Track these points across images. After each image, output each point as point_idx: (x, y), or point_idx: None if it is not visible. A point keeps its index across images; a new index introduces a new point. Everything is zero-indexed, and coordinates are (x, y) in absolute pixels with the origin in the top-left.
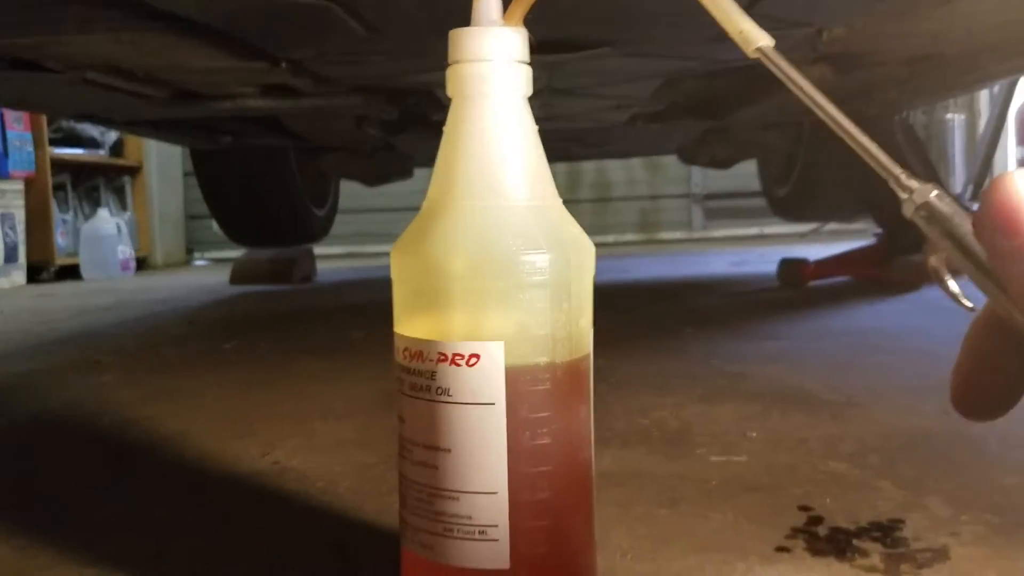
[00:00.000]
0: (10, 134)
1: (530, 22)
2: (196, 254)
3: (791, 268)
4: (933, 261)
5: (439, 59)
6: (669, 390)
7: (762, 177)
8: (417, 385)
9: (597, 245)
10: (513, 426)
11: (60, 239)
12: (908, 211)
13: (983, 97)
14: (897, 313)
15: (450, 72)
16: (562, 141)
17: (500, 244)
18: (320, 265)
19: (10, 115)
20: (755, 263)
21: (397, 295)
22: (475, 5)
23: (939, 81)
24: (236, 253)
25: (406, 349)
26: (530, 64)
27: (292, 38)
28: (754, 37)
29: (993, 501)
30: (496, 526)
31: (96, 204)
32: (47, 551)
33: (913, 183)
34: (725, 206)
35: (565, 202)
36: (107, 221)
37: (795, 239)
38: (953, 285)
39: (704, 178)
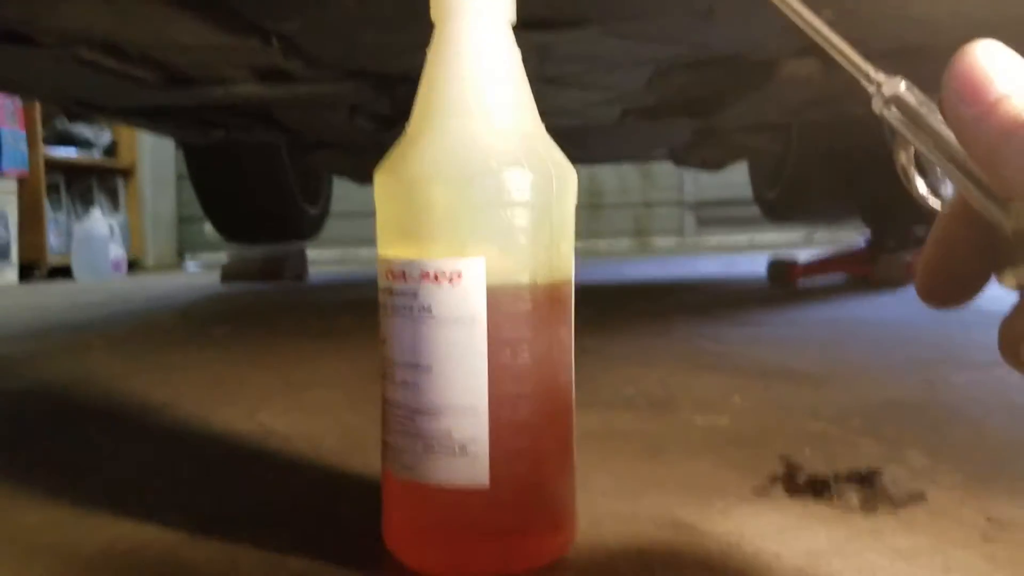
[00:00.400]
0: (3, 132)
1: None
2: (188, 255)
3: (780, 268)
4: (902, 158)
5: (427, 34)
6: (655, 365)
7: (753, 180)
8: (399, 305)
9: (590, 251)
10: (494, 344)
11: (53, 239)
12: (877, 106)
13: None
14: (882, 305)
15: None
16: (555, 140)
17: (482, 162)
18: (313, 268)
19: (4, 113)
20: (746, 266)
21: (380, 218)
22: None
23: (931, 78)
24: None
25: (389, 270)
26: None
27: (282, 5)
28: None
29: (972, 455)
30: (476, 442)
31: (89, 205)
32: (44, 505)
33: (881, 77)
34: (717, 214)
35: None
36: (100, 221)
37: (787, 247)
38: (920, 184)
39: (696, 186)
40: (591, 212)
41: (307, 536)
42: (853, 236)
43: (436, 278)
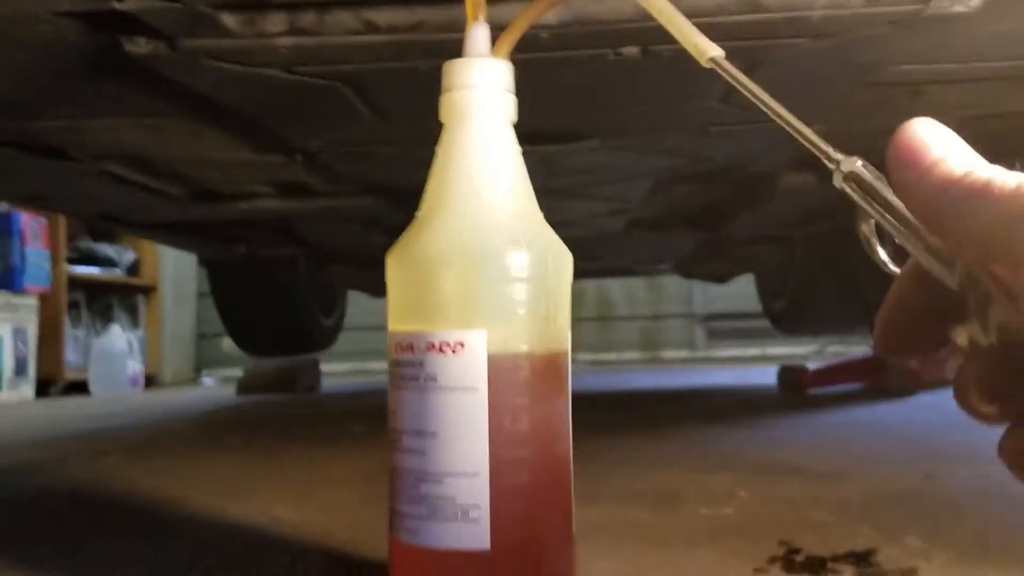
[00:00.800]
0: (28, 251)
1: (522, 114)
2: (204, 371)
3: (790, 375)
4: (864, 229)
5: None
6: (662, 467)
7: (759, 291)
8: (407, 375)
9: (599, 363)
10: (495, 410)
11: (71, 354)
12: (837, 181)
13: None
14: (891, 411)
15: (442, 100)
16: None
17: (486, 243)
18: (325, 380)
19: (29, 232)
20: (757, 377)
21: (391, 297)
22: (466, 39)
23: None
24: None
25: (398, 344)
26: (515, 95)
27: (305, 124)
28: (706, 48)
29: (967, 538)
30: (478, 506)
31: (108, 321)
32: None
33: (840, 156)
34: (727, 327)
35: None
36: (119, 337)
37: (800, 359)
38: (881, 252)
39: (706, 299)
40: (600, 325)
41: None
42: (865, 349)
43: (441, 348)
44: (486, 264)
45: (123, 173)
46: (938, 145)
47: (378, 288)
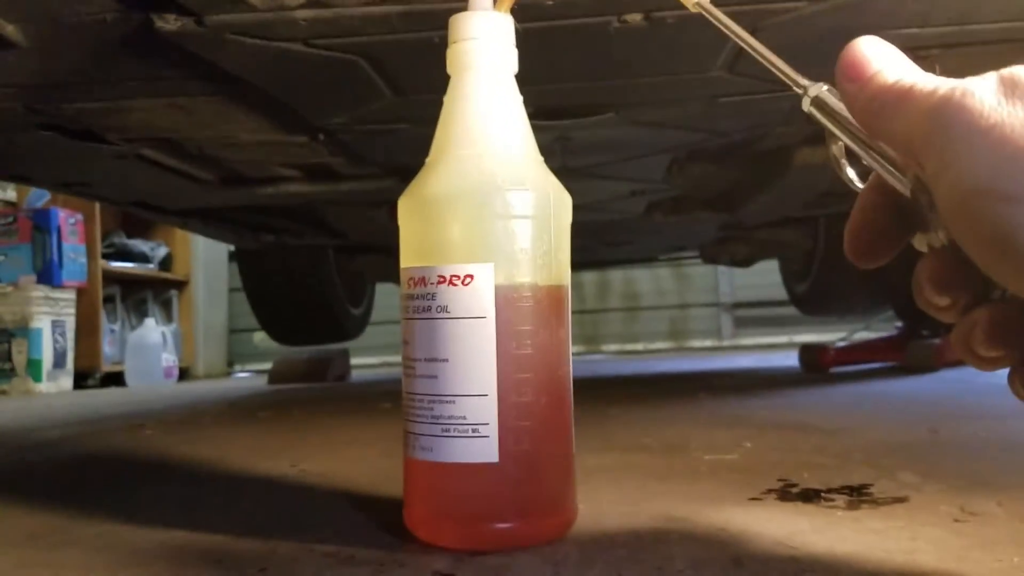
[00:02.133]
0: (65, 246)
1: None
2: (237, 365)
3: (812, 353)
4: (833, 150)
5: None
6: (674, 424)
7: (783, 274)
8: (420, 307)
9: (626, 352)
10: (501, 337)
11: (107, 348)
12: (805, 105)
13: None
14: (907, 383)
15: (448, 52)
16: (587, 238)
17: (490, 183)
18: (355, 373)
19: (66, 228)
20: (779, 360)
21: (403, 237)
22: None
23: None
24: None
25: (410, 278)
26: (516, 47)
27: (326, 101)
28: None
29: (960, 475)
30: (487, 424)
31: (143, 316)
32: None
33: (807, 82)
34: (754, 315)
35: (595, 311)
36: (153, 330)
37: None
38: (849, 170)
39: (732, 287)
40: (627, 315)
41: (338, 534)
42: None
43: (451, 281)
44: (492, 202)
45: (155, 157)
46: (877, 59)
47: None
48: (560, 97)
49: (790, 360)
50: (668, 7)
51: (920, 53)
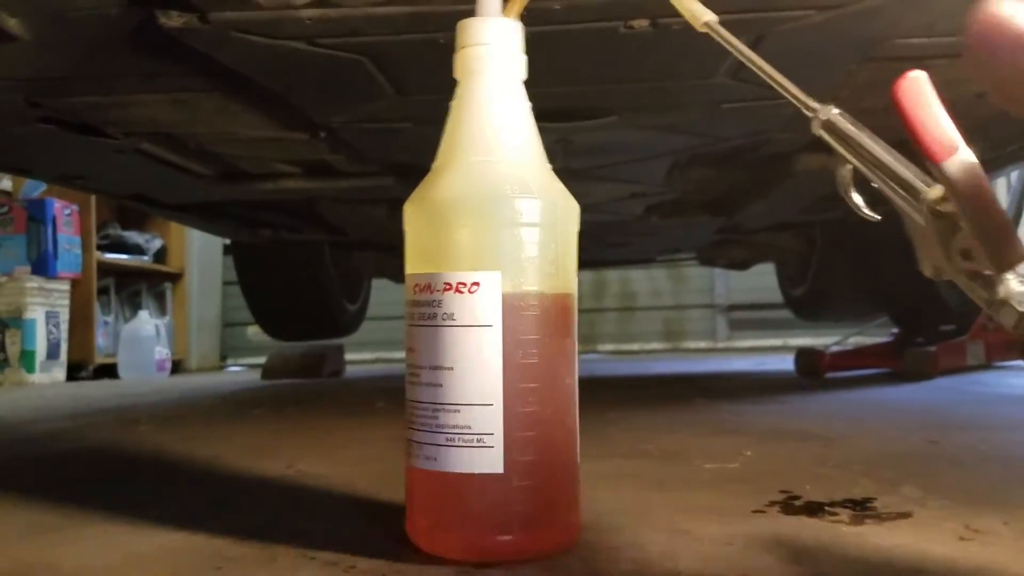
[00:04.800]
0: (60, 237)
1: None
2: (230, 358)
3: (808, 359)
4: (842, 172)
5: None
6: (673, 431)
7: (780, 278)
8: (425, 314)
9: (622, 352)
10: (508, 346)
11: (100, 340)
12: (815, 128)
13: None
14: (904, 391)
15: (456, 57)
16: (584, 239)
17: (498, 190)
18: (349, 368)
19: (62, 219)
20: (775, 364)
21: (409, 242)
22: (479, 0)
23: None
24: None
25: (416, 284)
26: (525, 55)
27: (329, 99)
28: (700, 13)
29: (963, 489)
30: (492, 434)
31: (137, 308)
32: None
33: (817, 105)
34: (749, 317)
35: (591, 311)
36: (147, 322)
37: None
38: (856, 197)
39: (728, 289)
40: (623, 315)
41: (340, 540)
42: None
43: (458, 288)
44: (500, 209)
45: (155, 151)
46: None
47: (402, 275)
48: (563, 99)
49: (785, 364)
50: (674, 14)
51: (925, 62)
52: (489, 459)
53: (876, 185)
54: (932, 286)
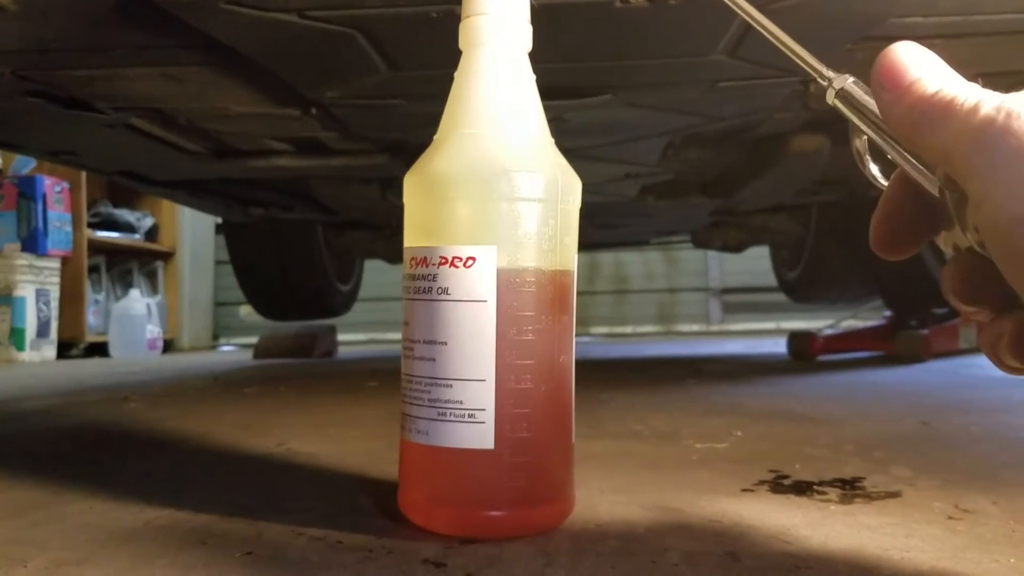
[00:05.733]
0: (51, 214)
1: (533, 68)
2: (222, 338)
3: (801, 341)
4: (857, 144)
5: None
6: (665, 411)
7: (774, 261)
8: (421, 288)
9: (615, 335)
10: (502, 322)
11: (91, 318)
12: (830, 97)
13: None
14: (896, 374)
15: (461, 27)
16: (579, 219)
17: (497, 164)
18: (341, 349)
19: (52, 196)
20: (768, 347)
21: (407, 216)
22: None
23: None
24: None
25: (413, 258)
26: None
27: (320, 74)
28: None
29: (954, 469)
30: (484, 410)
31: (128, 286)
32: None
33: (832, 74)
34: (743, 300)
35: (584, 293)
36: (138, 301)
37: None
38: (872, 166)
39: (722, 272)
40: (616, 298)
41: (328, 517)
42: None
43: (453, 263)
44: (497, 184)
45: (145, 127)
46: (916, 66)
47: (394, 255)
48: (558, 77)
49: (778, 347)
50: None
51: (923, 42)
52: (480, 434)
53: (891, 157)
54: (925, 269)
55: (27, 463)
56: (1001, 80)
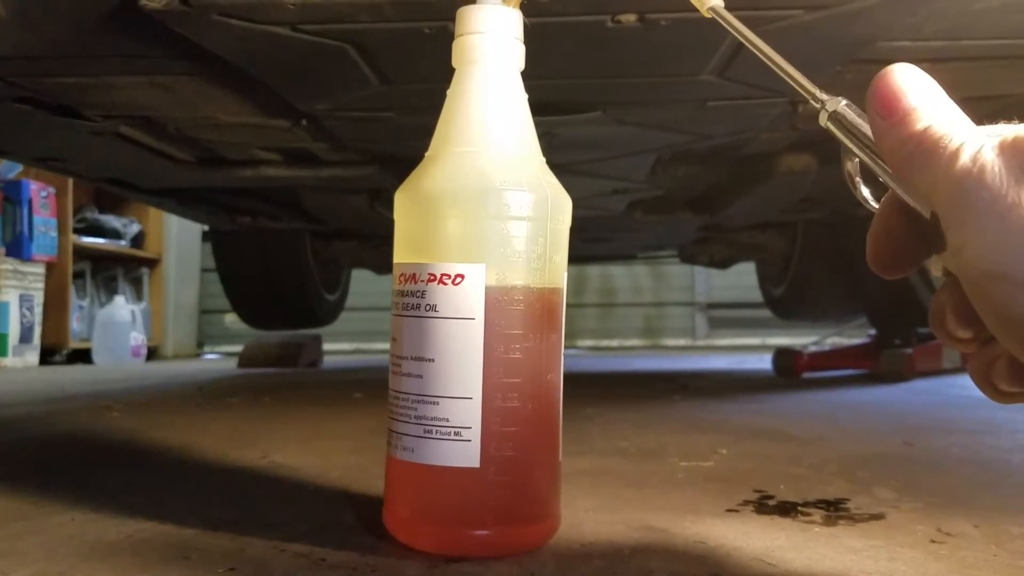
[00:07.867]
0: (36, 219)
1: (524, 84)
2: (207, 346)
3: (785, 359)
4: (848, 167)
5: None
6: (650, 428)
7: (760, 277)
8: (410, 304)
9: (601, 348)
10: (490, 339)
11: (75, 324)
12: (823, 120)
13: None
14: (880, 392)
15: (454, 45)
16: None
17: (487, 182)
18: (327, 359)
19: (38, 201)
20: (753, 363)
21: (398, 231)
22: None
23: None
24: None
25: (402, 274)
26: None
27: (311, 86)
28: None
29: (937, 492)
30: (470, 428)
31: (113, 293)
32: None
33: (825, 96)
34: (728, 315)
35: (571, 306)
36: (122, 307)
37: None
38: (863, 189)
39: (708, 287)
40: (603, 311)
41: (311, 532)
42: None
43: (442, 280)
44: (487, 202)
45: (134, 135)
46: (912, 94)
47: (382, 265)
48: (548, 93)
49: (763, 363)
50: (663, 9)
51: None
52: (465, 453)
53: (883, 179)
54: (910, 288)
55: (8, 472)
56: (987, 105)
